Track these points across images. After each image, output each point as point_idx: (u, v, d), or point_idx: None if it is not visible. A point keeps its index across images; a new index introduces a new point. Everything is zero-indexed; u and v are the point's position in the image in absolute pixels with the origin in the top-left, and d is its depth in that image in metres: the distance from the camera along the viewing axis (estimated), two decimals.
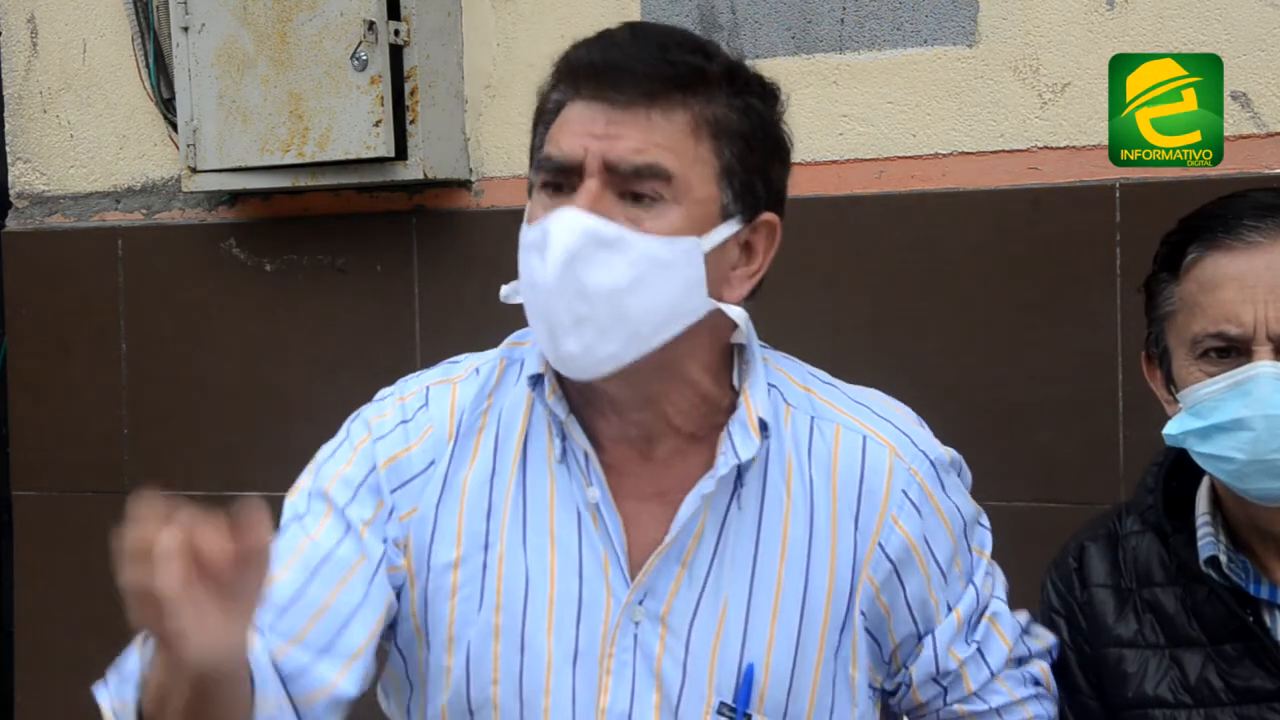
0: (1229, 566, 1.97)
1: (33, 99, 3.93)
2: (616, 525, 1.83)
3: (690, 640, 1.81)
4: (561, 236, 1.72)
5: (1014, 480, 3.06)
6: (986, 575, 1.96)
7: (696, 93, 1.76)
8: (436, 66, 3.45)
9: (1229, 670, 1.95)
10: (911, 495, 1.87)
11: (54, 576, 3.90)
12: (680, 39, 1.81)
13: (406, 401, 1.90)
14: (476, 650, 1.82)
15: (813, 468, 1.86)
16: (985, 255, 3.13)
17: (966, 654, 1.93)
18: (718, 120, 1.77)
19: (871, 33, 3.21)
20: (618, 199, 1.74)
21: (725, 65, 1.80)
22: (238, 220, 3.74)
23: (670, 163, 1.74)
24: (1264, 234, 1.90)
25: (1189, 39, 3.00)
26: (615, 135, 1.74)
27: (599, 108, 1.76)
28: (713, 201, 1.78)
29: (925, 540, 1.87)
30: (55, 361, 3.91)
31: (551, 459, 1.85)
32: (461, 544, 1.84)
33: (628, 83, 1.75)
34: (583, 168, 1.75)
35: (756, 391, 1.85)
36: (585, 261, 1.72)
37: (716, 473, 1.82)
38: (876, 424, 1.90)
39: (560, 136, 1.78)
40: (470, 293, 3.47)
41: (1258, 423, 1.86)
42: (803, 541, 1.84)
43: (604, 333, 1.74)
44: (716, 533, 1.83)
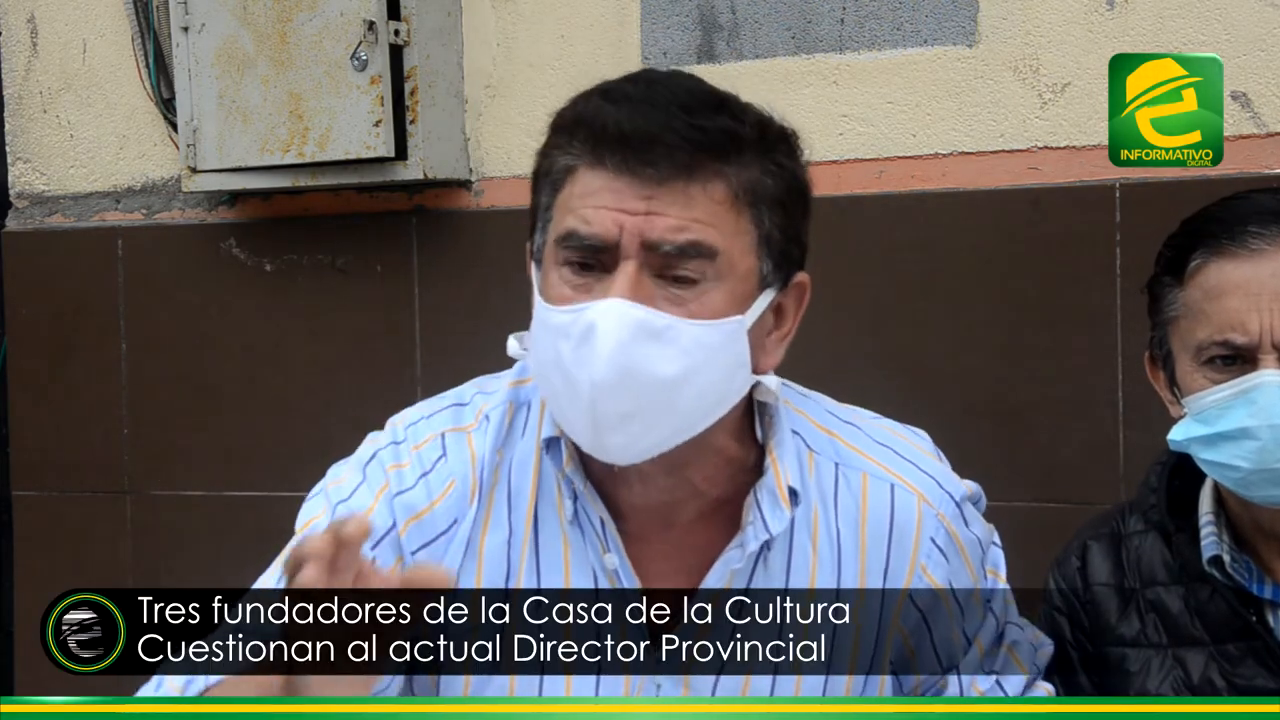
0: (1232, 566, 1.97)
1: (33, 99, 3.93)
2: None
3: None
4: (612, 331, 1.62)
5: (1014, 480, 3.06)
6: (1003, 598, 1.92)
7: (730, 159, 1.66)
8: (436, 66, 3.45)
9: (1232, 670, 1.95)
10: (939, 542, 1.84)
11: (54, 576, 3.89)
12: (702, 96, 1.69)
13: (423, 450, 1.80)
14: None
15: (839, 520, 1.80)
16: (985, 255, 3.13)
17: (986, 685, 1.90)
18: (754, 187, 1.68)
19: (871, 33, 3.21)
20: (656, 281, 1.65)
21: (755, 123, 1.70)
22: (238, 220, 3.74)
23: (714, 239, 1.65)
24: (1269, 240, 1.89)
25: (1189, 39, 3.00)
26: (654, 212, 1.63)
27: (629, 181, 1.64)
28: (753, 274, 1.70)
29: (950, 583, 1.84)
30: (55, 361, 3.91)
31: (563, 519, 1.77)
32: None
33: (661, 154, 1.63)
34: (618, 248, 1.64)
35: (785, 453, 1.77)
36: (637, 356, 1.63)
37: (746, 547, 1.76)
38: (902, 468, 1.85)
39: (586, 211, 1.66)
40: (470, 293, 3.46)
41: (1263, 432, 1.86)
42: (829, 597, 1.77)
43: (652, 426, 1.66)
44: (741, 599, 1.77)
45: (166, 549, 3.78)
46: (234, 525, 3.70)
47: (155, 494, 3.81)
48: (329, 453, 2.01)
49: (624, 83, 1.70)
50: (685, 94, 1.68)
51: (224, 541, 3.71)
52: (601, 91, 1.69)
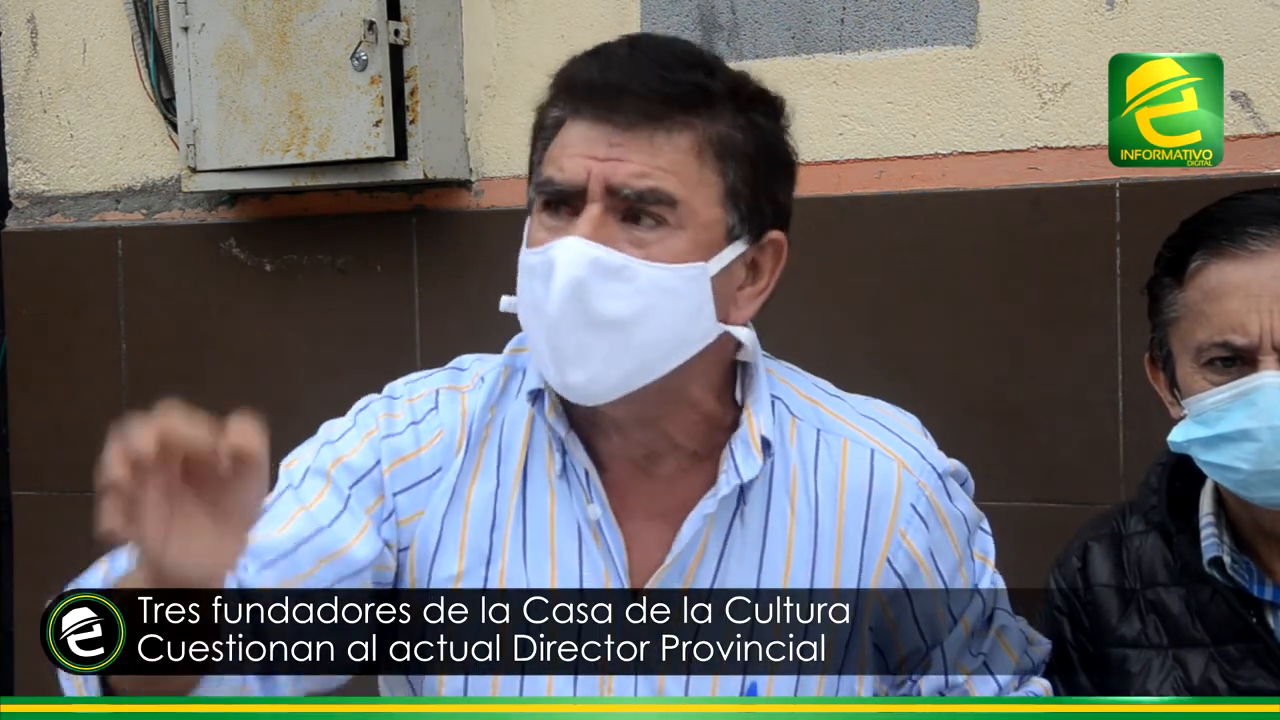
0: (1233, 567, 1.97)
1: (33, 99, 3.93)
2: (618, 543, 1.81)
3: (691, 673, 1.76)
4: (567, 267, 1.69)
5: (1014, 480, 3.06)
6: (991, 583, 1.94)
7: (700, 112, 1.72)
8: (436, 66, 3.45)
9: (1232, 672, 1.95)
10: (920, 509, 1.86)
11: (54, 576, 3.89)
12: (682, 54, 1.77)
13: (416, 403, 1.86)
14: (476, 679, 1.80)
15: (819, 483, 1.84)
16: (985, 255, 3.14)
17: (973, 666, 1.91)
18: (722, 140, 1.74)
19: (871, 33, 3.22)
20: (621, 223, 1.71)
21: (729, 81, 1.76)
22: (238, 220, 3.74)
23: (674, 187, 1.71)
24: (1269, 242, 1.89)
25: (1189, 39, 3.00)
26: (618, 158, 1.70)
27: (601, 129, 1.72)
28: (718, 224, 1.75)
29: (931, 554, 1.86)
30: (55, 361, 3.91)
31: (552, 474, 1.83)
32: (464, 558, 1.82)
33: (630, 103, 1.70)
34: (585, 191, 1.71)
35: (760, 408, 1.82)
36: (591, 292, 1.69)
37: (718, 492, 1.80)
38: (884, 437, 1.88)
39: (561, 157, 1.74)
40: (470, 293, 3.47)
41: (1264, 434, 1.86)
42: (807, 558, 1.83)
43: (610, 363, 1.71)
44: (719, 551, 1.81)
45: None
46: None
47: None
48: None
49: (617, 43, 1.78)
50: (667, 52, 1.76)
51: None
52: (594, 50, 1.78)
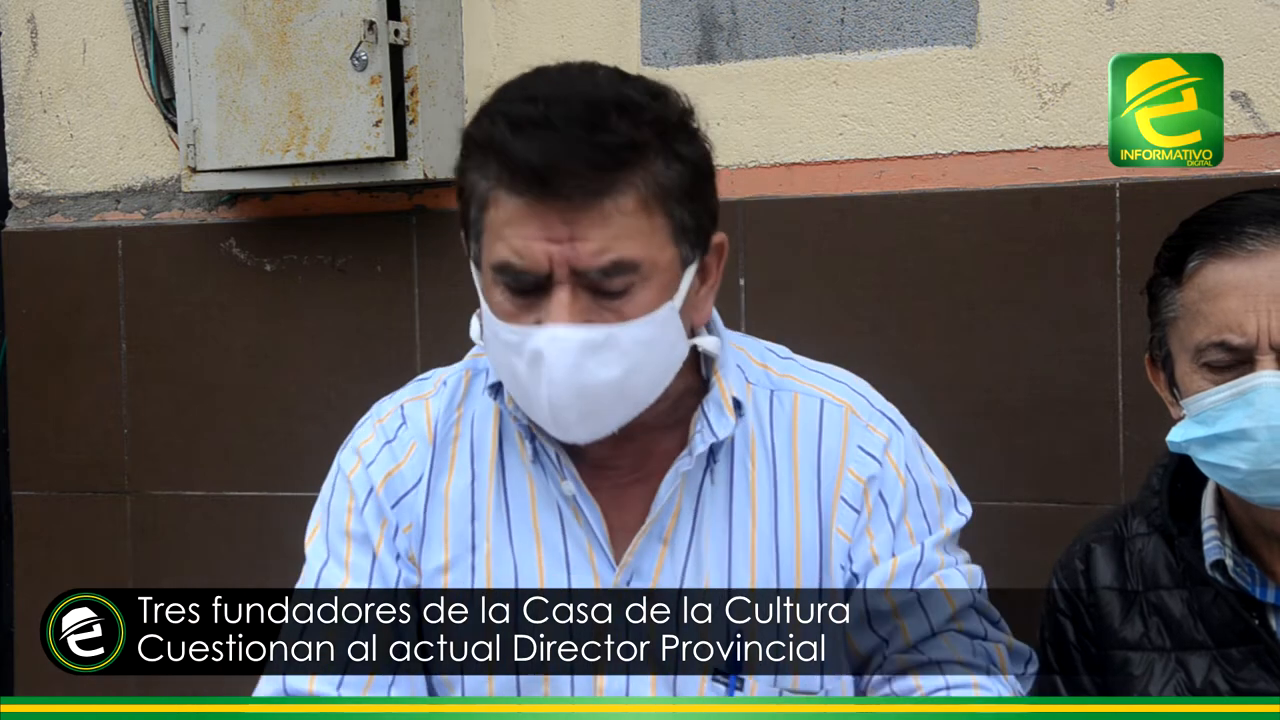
0: (1235, 570, 1.97)
1: (33, 99, 3.93)
2: (595, 514, 1.89)
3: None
4: (559, 358, 1.76)
5: (1014, 480, 3.06)
6: (942, 547, 1.96)
7: (636, 167, 1.76)
8: (436, 66, 3.45)
9: (1234, 674, 1.95)
10: (869, 449, 1.93)
11: (54, 576, 3.89)
12: (598, 104, 1.76)
13: (385, 423, 1.97)
14: (473, 679, 1.87)
15: (774, 436, 1.93)
16: (985, 255, 3.13)
17: (902, 600, 1.92)
18: (661, 186, 1.78)
19: (871, 33, 3.21)
20: (590, 295, 1.77)
21: (651, 121, 1.77)
22: (238, 220, 3.74)
23: (634, 251, 1.76)
24: (1266, 241, 1.89)
25: (1189, 39, 3.00)
26: (577, 238, 1.74)
27: (547, 208, 1.75)
28: (675, 261, 1.81)
29: (880, 493, 1.92)
30: (55, 361, 3.91)
31: (526, 460, 1.92)
32: (449, 548, 1.90)
33: (573, 185, 1.73)
34: (551, 276, 1.76)
35: (728, 373, 1.91)
36: (585, 372, 1.77)
37: (694, 450, 1.88)
38: (832, 387, 1.97)
39: (513, 239, 1.77)
40: (470, 293, 3.44)
41: (1261, 433, 1.86)
42: (769, 508, 1.90)
43: (608, 415, 1.81)
44: (693, 509, 1.90)
45: (166, 549, 3.78)
46: (234, 525, 3.71)
47: (155, 494, 3.81)
48: (329, 453, 2.02)
49: (525, 103, 1.77)
50: (583, 107, 1.76)
51: (224, 541, 3.71)
52: (505, 117, 1.78)
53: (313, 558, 1.93)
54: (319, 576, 1.90)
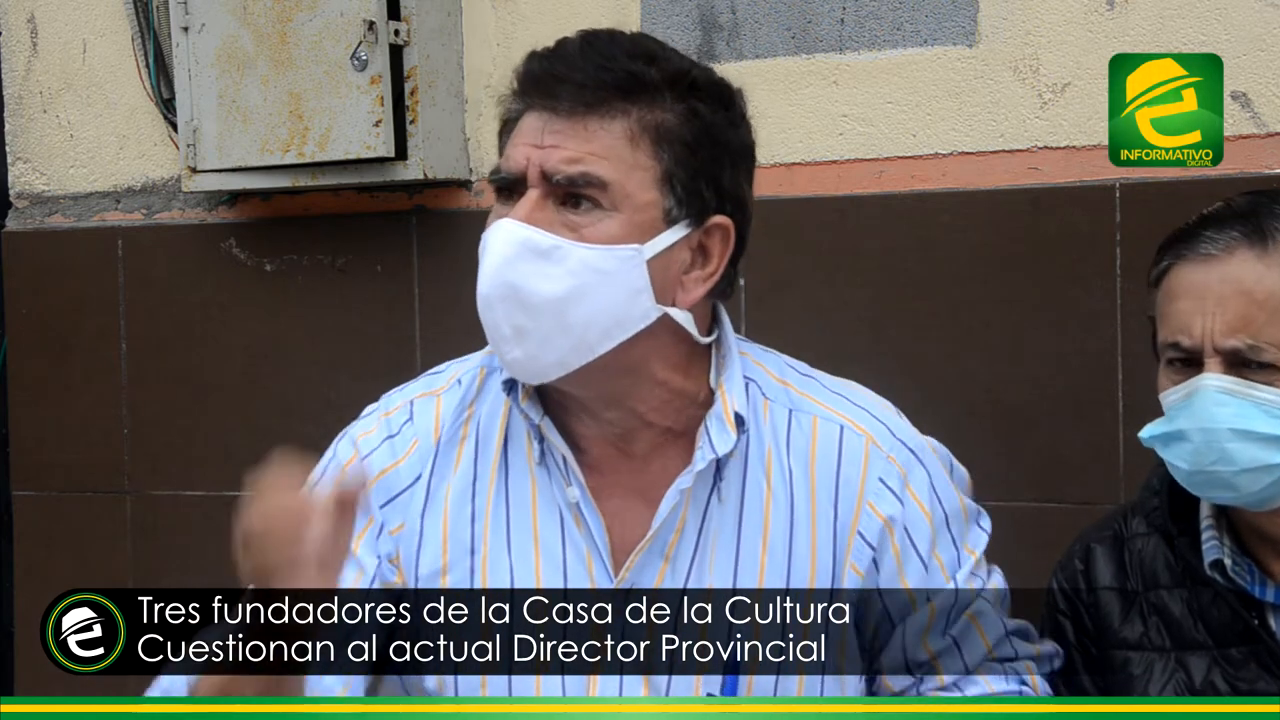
0: (1234, 570, 1.97)
1: (33, 99, 3.93)
2: (598, 523, 1.86)
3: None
4: (497, 247, 1.76)
5: (1014, 480, 3.06)
6: (973, 575, 1.95)
7: (636, 99, 1.78)
8: (436, 66, 3.45)
9: (1234, 674, 1.96)
10: (890, 483, 1.89)
11: (54, 576, 3.89)
12: (630, 46, 1.83)
13: (391, 417, 1.93)
14: (466, 678, 1.83)
15: (791, 459, 1.88)
16: (985, 255, 3.13)
17: (940, 646, 1.93)
18: (658, 126, 1.79)
19: (871, 33, 3.21)
20: (558, 207, 1.77)
21: (670, 71, 1.81)
22: (238, 220, 3.74)
23: (605, 171, 1.76)
24: (1219, 246, 1.92)
25: (1189, 39, 3.00)
26: (553, 145, 1.77)
27: (543, 117, 1.79)
28: (654, 206, 1.79)
29: (905, 529, 1.89)
30: (55, 361, 3.91)
31: (532, 461, 1.88)
32: (448, 552, 1.87)
33: (566, 92, 1.77)
34: (525, 178, 1.78)
35: (733, 386, 1.87)
36: (521, 272, 1.75)
37: (694, 467, 1.84)
38: (853, 413, 1.92)
39: (510, 148, 1.82)
40: (470, 293, 3.44)
41: (1196, 435, 1.90)
42: (784, 532, 1.86)
43: (546, 342, 1.77)
44: (698, 526, 1.86)
45: (166, 549, 3.78)
46: (234, 525, 3.70)
47: (155, 494, 3.81)
48: None
49: (574, 36, 1.85)
50: (616, 45, 1.83)
51: (224, 541, 3.70)
52: (552, 45, 1.85)
53: None
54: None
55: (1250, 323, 1.88)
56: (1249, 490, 1.90)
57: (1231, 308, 1.89)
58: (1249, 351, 1.88)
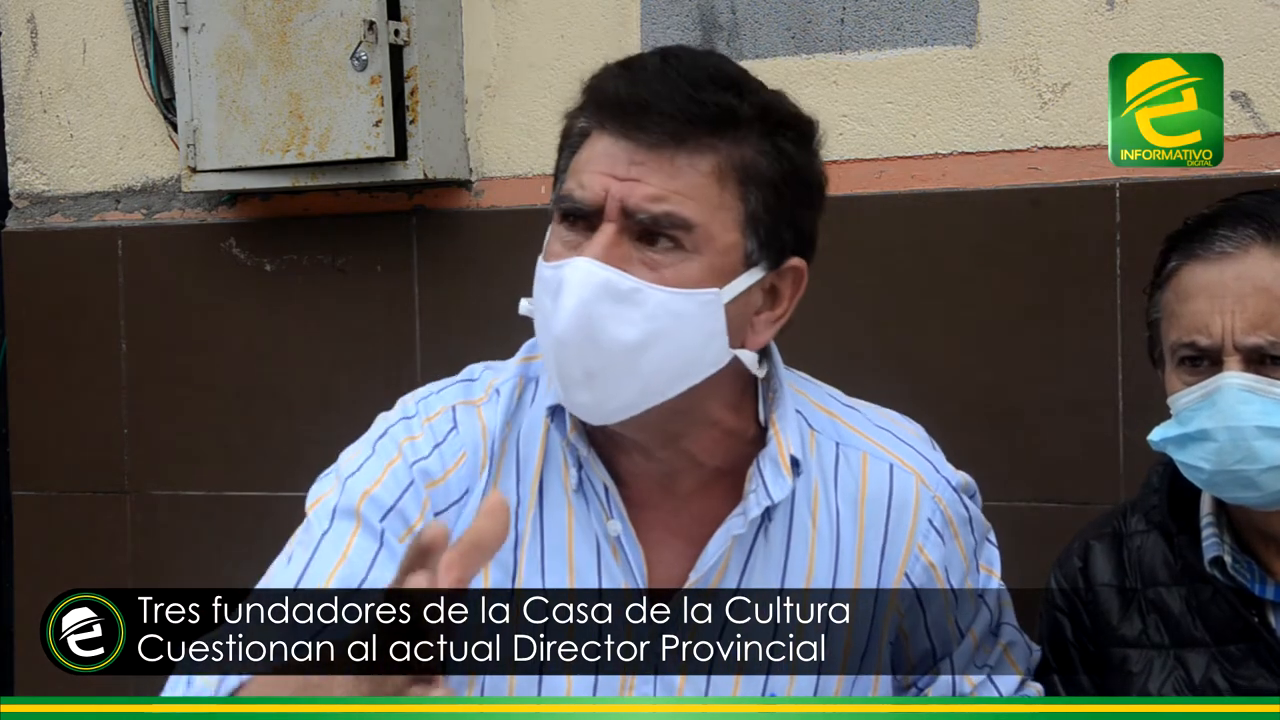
0: (1233, 567, 1.97)
1: (33, 99, 3.93)
2: (639, 559, 1.79)
3: (712, 673, 1.76)
4: (576, 289, 1.66)
5: (1014, 480, 3.06)
6: (998, 595, 1.94)
7: (725, 135, 1.69)
8: (436, 66, 3.45)
9: (1234, 671, 1.96)
10: (936, 524, 1.86)
11: (54, 576, 3.89)
12: (714, 73, 1.72)
13: (434, 422, 1.83)
14: (494, 680, 1.78)
15: (839, 497, 1.83)
16: (985, 255, 3.13)
17: (979, 679, 1.92)
18: (746, 165, 1.70)
19: (871, 33, 3.21)
20: (635, 243, 1.68)
21: (759, 105, 1.72)
22: (238, 220, 3.74)
23: (691, 211, 1.67)
24: (1235, 244, 1.92)
25: (1189, 39, 3.00)
26: (636, 178, 1.67)
27: (623, 146, 1.68)
28: (736, 249, 1.71)
29: (945, 567, 1.86)
30: (55, 361, 3.91)
31: (568, 488, 1.80)
32: (490, 574, 1.79)
33: (654, 121, 1.67)
34: (602, 210, 1.68)
35: (787, 426, 1.80)
36: (599, 315, 1.66)
37: (748, 514, 1.78)
38: (902, 451, 1.87)
39: (583, 172, 1.71)
40: (470, 293, 3.46)
41: (1221, 434, 1.89)
42: (828, 574, 1.82)
43: (616, 387, 1.69)
44: (740, 568, 1.80)
45: (166, 549, 3.78)
46: (234, 525, 3.70)
47: (155, 494, 3.81)
48: (329, 453, 2.01)
49: (649, 55, 1.74)
50: (698, 69, 1.71)
51: (224, 541, 3.71)
52: (625, 61, 1.74)
53: (313, 525, 1.78)
54: (314, 548, 1.75)
55: (1272, 319, 1.88)
56: (1272, 489, 1.90)
57: (1251, 305, 1.88)
58: (1270, 348, 1.88)
